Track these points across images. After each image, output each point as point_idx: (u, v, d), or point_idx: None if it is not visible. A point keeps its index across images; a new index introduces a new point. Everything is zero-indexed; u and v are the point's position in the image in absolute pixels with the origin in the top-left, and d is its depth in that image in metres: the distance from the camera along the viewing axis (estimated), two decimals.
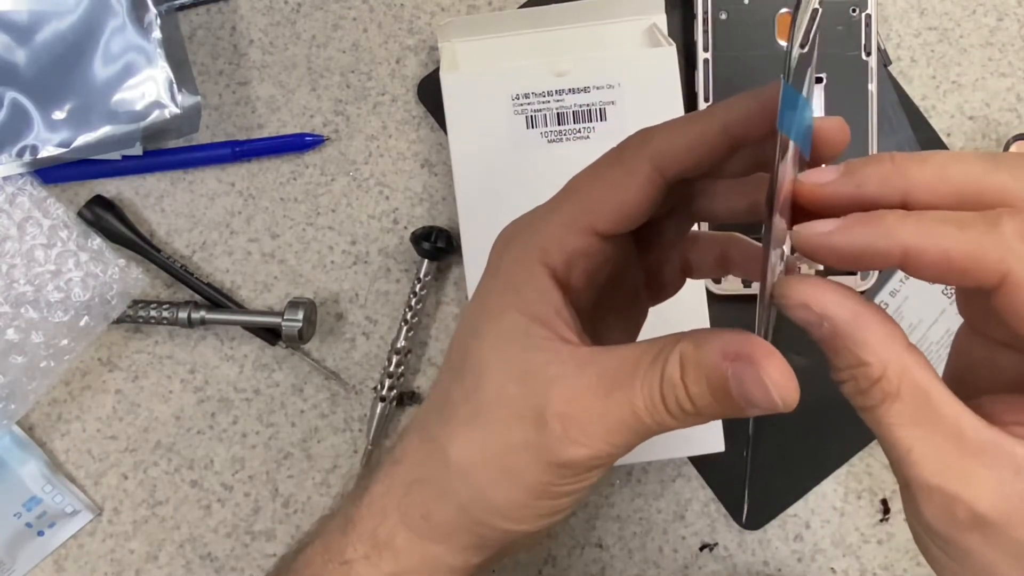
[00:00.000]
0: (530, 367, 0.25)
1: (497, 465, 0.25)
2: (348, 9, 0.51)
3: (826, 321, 0.21)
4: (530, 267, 0.26)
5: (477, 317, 0.27)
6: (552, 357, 0.25)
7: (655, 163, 0.25)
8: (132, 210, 0.50)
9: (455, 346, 0.28)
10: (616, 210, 0.26)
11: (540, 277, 0.26)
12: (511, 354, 0.25)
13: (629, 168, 0.26)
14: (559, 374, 0.25)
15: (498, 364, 0.25)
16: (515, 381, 0.25)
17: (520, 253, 0.26)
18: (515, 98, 0.46)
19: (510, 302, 0.26)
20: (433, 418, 0.27)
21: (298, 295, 0.49)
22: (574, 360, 0.25)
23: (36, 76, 0.47)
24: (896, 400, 0.21)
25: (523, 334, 0.25)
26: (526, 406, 0.25)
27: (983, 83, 0.50)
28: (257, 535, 0.49)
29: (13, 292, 0.48)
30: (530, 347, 0.25)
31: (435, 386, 0.29)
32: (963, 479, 0.21)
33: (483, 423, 0.25)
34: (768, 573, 0.48)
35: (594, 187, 0.26)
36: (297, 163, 0.50)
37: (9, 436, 0.48)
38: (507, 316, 0.26)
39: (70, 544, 0.49)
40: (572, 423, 0.24)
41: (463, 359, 0.27)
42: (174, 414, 0.49)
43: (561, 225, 0.26)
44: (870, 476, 0.48)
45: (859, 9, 0.47)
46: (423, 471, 0.27)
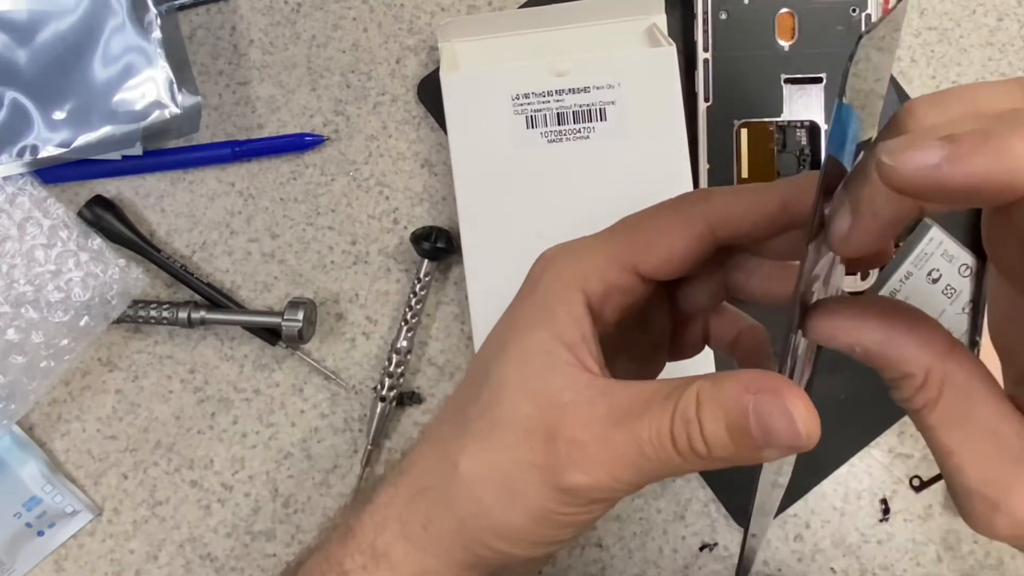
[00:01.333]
0: (548, 389, 0.25)
1: (502, 482, 0.25)
2: (348, 9, 0.51)
3: (858, 347, 0.22)
4: (567, 290, 0.26)
5: (505, 333, 0.27)
6: (570, 383, 0.25)
7: (710, 220, 0.26)
8: (132, 210, 0.50)
9: (478, 360, 0.28)
10: (663, 255, 0.26)
11: (575, 302, 0.26)
12: (531, 374, 0.26)
13: (684, 219, 0.26)
14: (574, 400, 0.25)
15: (518, 382, 0.26)
16: (531, 401, 0.25)
17: (560, 274, 0.27)
18: (515, 98, 0.46)
19: (541, 321, 0.26)
20: (447, 430, 0.27)
21: (298, 295, 0.49)
22: (591, 389, 0.25)
23: (36, 76, 0.47)
24: (937, 405, 0.21)
25: (547, 354, 0.25)
26: (538, 427, 0.25)
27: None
28: (257, 535, 0.49)
29: (13, 292, 0.48)
30: (551, 369, 0.25)
31: (452, 399, 0.29)
32: (1003, 486, 0.20)
33: (495, 438, 0.25)
34: (768, 573, 0.48)
35: (646, 228, 0.27)
36: (297, 163, 0.50)
37: (9, 436, 0.48)
38: (535, 334, 0.26)
39: (70, 544, 0.49)
40: (578, 449, 0.24)
41: (485, 373, 0.27)
42: (174, 414, 0.49)
43: (606, 256, 0.26)
44: (870, 476, 0.48)
45: (859, 9, 0.47)
46: (430, 479, 0.27)
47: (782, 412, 0.22)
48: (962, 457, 0.21)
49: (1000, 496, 0.20)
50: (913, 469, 0.48)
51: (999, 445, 0.21)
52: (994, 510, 0.20)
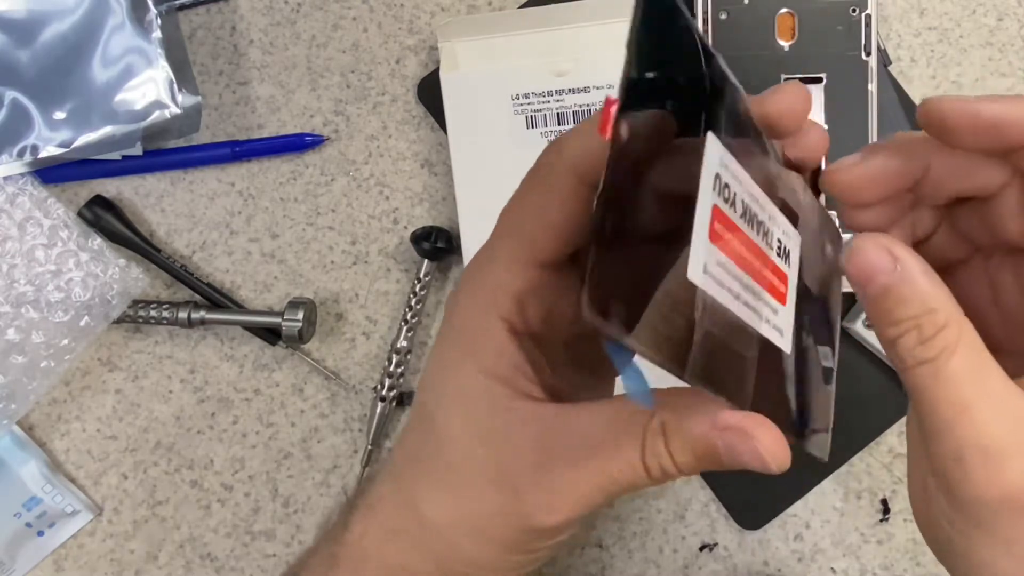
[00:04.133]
0: (495, 429, 0.24)
1: (472, 527, 0.25)
2: (348, 9, 0.51)
3: (901, 264, 0.21)
4: (482, 319, 0.25)
5: (437, 373, 0.26)
6: (515, 418, 0.24)
7: (576, 172, 0.24)
8: (132, 210, 0.50)
9: (420, 403, 0.27)
10: (550, 234, 0.25)
11: (494, 330, 0.25)
12: (474, 415, 0.25)
13: (549, 185, 0.24)
14: (525, 440, 0.24)
15: (462, 425, 0.25)
16: (481, 444, 0.25)
17: (470, 304, 0.26)
18: (515, 98, 0.46)
19: (466, 359, 0.25)
20: (405, 469, 0.27)
21: (298, 295, 0.49)
22: (539, 422, 0.24)
23: (37, 76, 0.47)
24: (955, 353, 0.21)
25: (484, 393, 0.25)
26: (496, 472, 0.24)
27: (983, 83, 0.50)
28: (257, 535, 0.49)
29: (14, 292, 0.48)
30: (493, 408, 0.25)
31: (406, 432, 0.28)
32: (1019, 441, 0.20)
33: (454, 485, 0.25)
34: (768, 573, 0.48)
35: (522, 216, 0.25)
36: (297, 163, 0.50)
37: (9, 436, 0.48)
38: (464, 374, 0.25)
39: (70, 544, 0.49)
40: (544, 493, 0.24)
41: (430, 419, 0.26)
42: (174, 414, 0.49)
43: (503, 267, 0.25)
44: (870, 476, 0.48)
45: (859, 9, 0.47)
46: (399, 522, 0.27)
47: (752, 452, 0.22)
48: (980, 412, 0.21)
49: (1016, 449, 0.20)
50: None
51: (1012, 404, 0.21)
52: (1009, 460, 0.20)
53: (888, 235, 0.22)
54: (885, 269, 0.21)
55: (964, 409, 0.21)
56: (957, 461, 0.21)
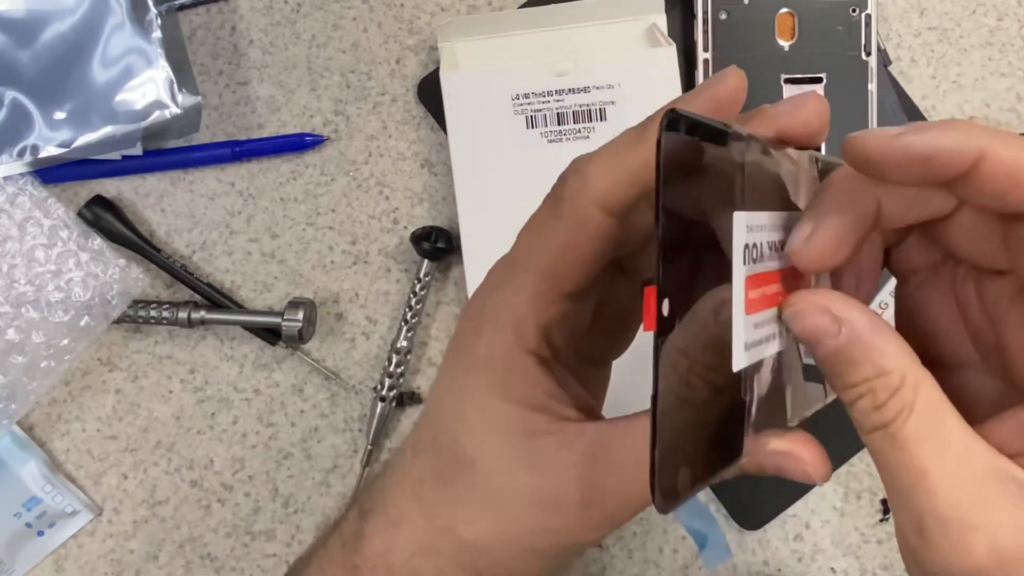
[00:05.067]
0: (537, 456, 0.25)
1: (515, 545, 0.25)
2: (348, 9, 0.51)
3: (845, 327, 0.20)
4: (512, 356, 0.25)
5: (458, 403, 0.26)
6: (559, 442, 0.24)
7: (601, 205, 0.23)
8: (132, 210, 0.50)
9: (435, 425, 0.27)
10: (577, 270, 0.24)
11: (526, 366, 0.25)
12: (512, 444, 0.25)
13: (575, 218, 0.24)
14: (570, 463, 0.24)
15: (499, 454, 0.25)
16: (524, 471, 0.25)
17: (496, 338, 0.25)
18: (515, 98, 0.46)
19: (496, 392, 0.25)
20: (431, 492, 0.27)
21: (298, 295, 0.49)
22: (583, 441, 0.24)
23: (37, 76, 0.47)
24: (911, 414, 0.20)
25: (521, 423, 0.25)
26: (543, 495, 0.25)
27: (983, 83, 0.50)
28: (257, 535, 0.49)
29: (14, 292, 0.48)
30: (532, 434, 0.25)
31: (418, 453, 0.28)
32: (981, 509, 0.19)
33: (495, 510, 0.25)
34: (768, 573, 0.48)
35: (547, 249, 0.25)
36: (297, 163, 0.50)
37: (9, 436, 0.48)
38: (495, 406, 0.25)
39: (70, 544, 0.49)
40: (595, 511, 0.24)
41: (448, 443, 0.26)
42: (174, 414, 0.49)
43: (528, 301, 0.25)
44: (870, 476, 0.48)
45: (859, 9, 0.47)
46: (430, 541, 0.27)
47: (799, 471, 0.23)
48: (938, 478, 0.19)
49: (980, 519, 0.19)
50: None
51: (972, 466, 0.20)
52: (972, 532, 0.19)
53: (828, 291, 0.21)
54: (830, 332, 0.20)
55: (922, 476, 0.20)
56: (919, 533, 0.20)
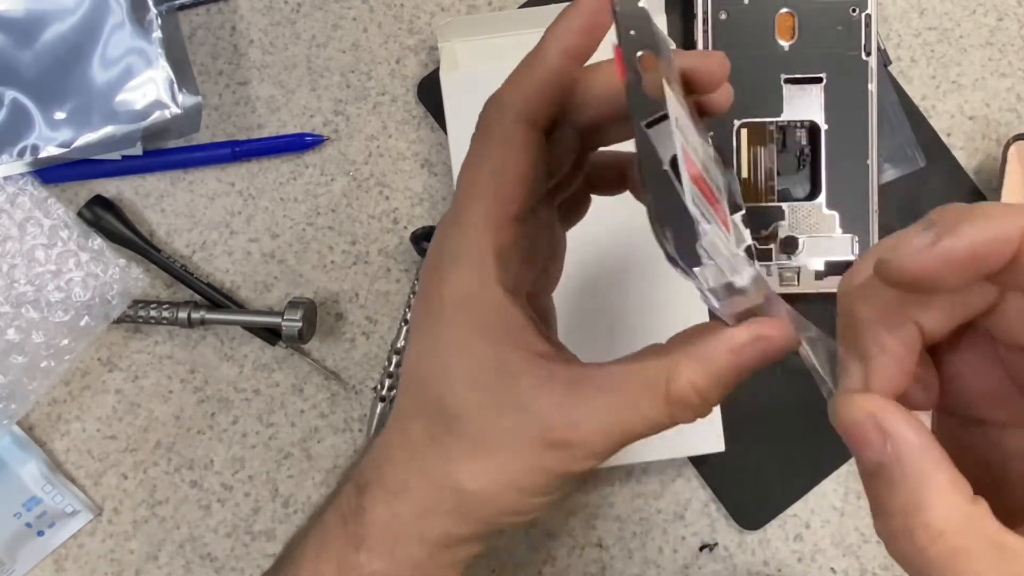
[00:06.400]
0: (518, 397, 0.25)
1: (514, 488, 0.26)
2: (348, 9, 0.51)
3: (891, 444, 0.19)
4: (476, 289, 0.25)
5: (439, 358, 0.26)
6: (535, 381, 0.25)
7: (522, 118, 0.25)
8: (132, 210, 0.50)
9: (417, 384, 0.27)
10: (517, 187, 0.25)
11: (493, 298, 0.25)
12: (494, 389, 0.25)
13: (502, 138, 0.25)
14: (551, 399, 0.25)
15: (482, 401, 0.26)
16: (509, 413, 0.25)
17: (458, 276, 0.26)
18: None
19: (471, 334, 0.25)
20: (427, 452, 0.27)
21: (298, 295, 0.49)
22: (560, 384, 0.25)
23: (37, 76, 0.47)
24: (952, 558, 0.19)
25: (498, 365, 0.25)
26: (529, 436, 0.25)
27: (983, 83, 0.50)
28: (257, 535, 0.49)
29: (14, 292, 0.48)
30: (511, 376, 0.25)
31: (405, 418, 0.28)
32: None
33: (489, 457, 0.26)
34: (768, 573, 0.48)
35: (485, 175, 0.26)
36: (297, 163, 0.50)
37: (9, 436, 0.48)
38: (472, 350, 0.25)
39: (70, 544, 0.49)
40: (579, 447, 0.25)
41: (434, 399, 0.26)
42: (174, 414, 0.49)
43: (480, 231, 0.25)
44: None
45: (859, 9, 0.47)
46: (433, 502, 0.27)
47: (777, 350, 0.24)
48: None
49: None
50: None
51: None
52: None
53: (880, 400, 0.20)
54: (873, 445, 0.20)
55: None
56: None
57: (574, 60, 0.26)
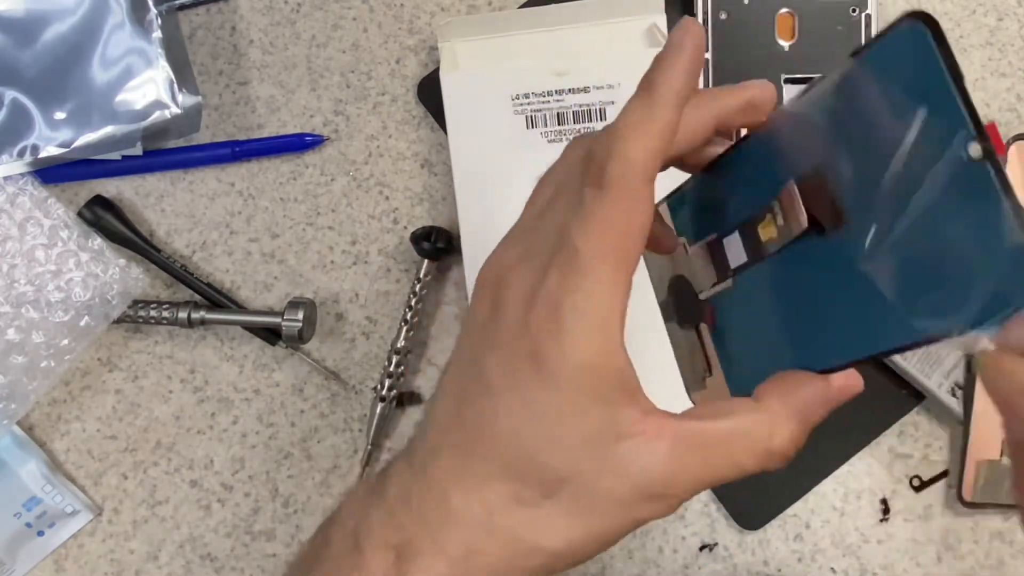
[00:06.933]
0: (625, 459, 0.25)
1: (602, 539, 0.26)
2: (348, 9, 0.51)
3: None
4: (605, 356, 0.25)
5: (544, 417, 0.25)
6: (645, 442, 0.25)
7: (647, 178, 0.25)
8: (132, 210, 0.50)
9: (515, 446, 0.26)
10: (642, 244, 0.26)
11: (617, 363, 0.25)
12: (604, 452, 0.25)
13: (630, 199, 0.25)
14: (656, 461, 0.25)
15: (594, 466, 0.25)
16: (612, 477, 0.25)
17: (588, 343, 0.25)
18: (515, 98, 0.46)
19: (591, 400, 0.25)
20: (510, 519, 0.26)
21: (298, 295, 0.49)
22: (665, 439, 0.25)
23: (37, 76, 0.47)
24: None
25: (614, 426, 0.25)
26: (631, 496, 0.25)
27: (983, 83, 0.50)
28: (257, 535, 0.49)
29: (14, 292, 0.48)
30: (625, 436, 0.25)
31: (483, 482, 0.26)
32: None
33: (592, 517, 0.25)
34: (768, 573, 0.48)
35: (616, 236, 0.25)
36: (297, 163, 0.50)
37: (9, 436, 0.48)
38: (590, 412, 0.25)
39: (70, 544, 0.49)
40: (673, 498, 0.25)
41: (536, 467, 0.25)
42: (174, 414, 0.49)
43: (609, 293, 0.25)
44: (870, 476, 0.48)
45: (859, 9, 0.47)
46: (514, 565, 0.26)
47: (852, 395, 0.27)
48: None
49: None
50: (913, 469, 0.48)
51: None
52: None
53: None
54: None
55: None
56: None
57: (682, 109, 0.26)
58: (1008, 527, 0.47)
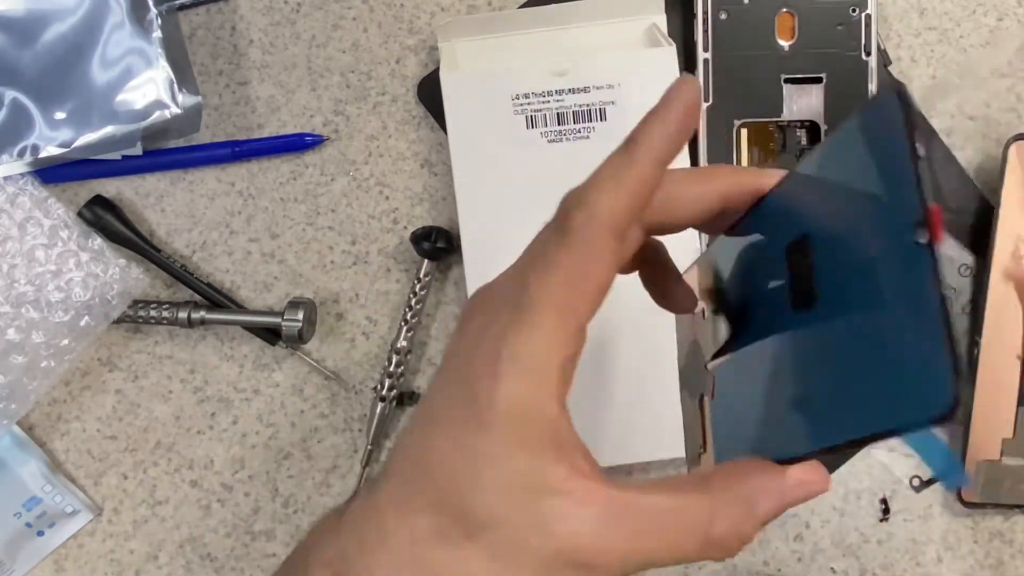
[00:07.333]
0: (551, 518, 0.24)
1: None
2: (348, 9, 0.51)
3: None
4: (537, 405, 0.24)
5: (474, 465, 0.25)
6: (572, 504, 0.24)
7: (611, 231, 0.24)
8: (132, 210, 0.50)
9: (442, 481, 0.25)
10: (593, 299, 0.25)
11: (550, 414, 0.24)
12: (528, 505, 0.24)
13: (588, 250, 0.24)
14: (584, 527, 0.24)
15: (516, 516, 0.24)
16: (537, 533, 0.24)
17: (520, 390, 0.24)
18: (515, 98, 0.46)
19: (519, 448, 0.24)
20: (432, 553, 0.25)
21: (298, 295, 0.49)
22: (596, 505, 0.24)
23: (37, 76, 0.47)
24: None
25: (539, 480, 0.24)
26: (554, 557, 0.24)
27: (983, 83, 0.50)
28: (257, 535, 0.49)
29: (14, 292, 0.48)
30: (552, 492, 0.24)
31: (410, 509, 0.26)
32: None
33: (508, 569, 0.24)
34: (768, 573, 0.48)
35: (562, 284, 0.24)
36: (297, 163, 0.50)
37: (9, 436, 0.48)
38: (517, 461, 0.24)
39: (70, 544, 0.49)
40: (602, 569, 0.24)
41: (463, 504, 0.25)
42: (174, 414, 0.49)
43: (547, 341, 0.24)
44: (870, 476, 0.48)
45: (859, 9, 0.47)
46: None
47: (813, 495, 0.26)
48: None
49: None
50: (913, 469, 0.48)
51: None
52: None
53: None
54: None
55: None
56: None
57: (664, 168, 0.25)
58: (1008, 527, 0.47)
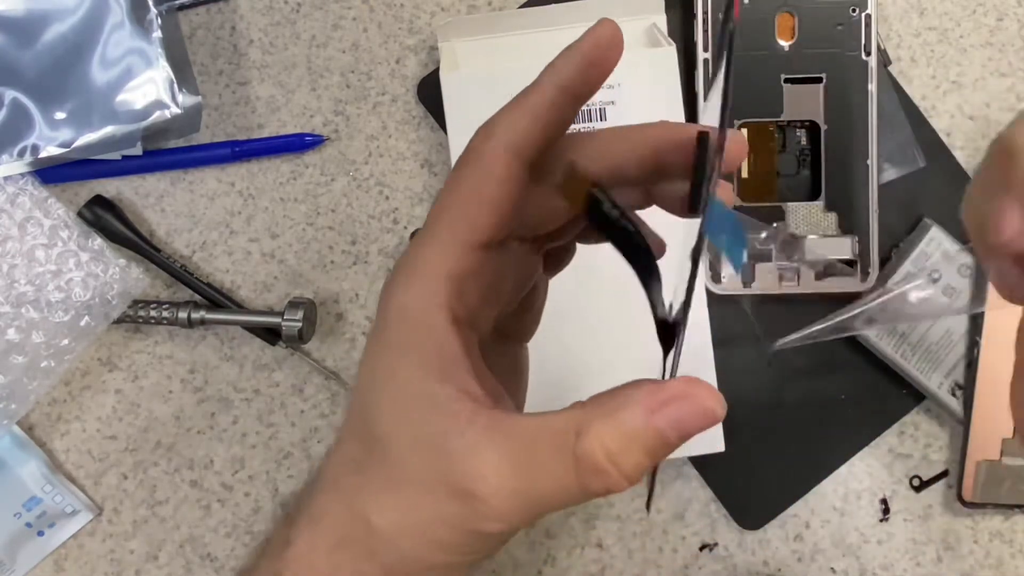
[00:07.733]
0: (434, 435, 0.24)
1: (418, 533, 0.24)
2: (348, 9, 0.51)
3: None
4: (421, 311, 0.24)
5: (371, 374, 0.25)
6: (454, 425, 0.23)
7: (509, 149, 0.25)
8: (132, 210, 0.50)
9: (356, 404, 0.26)
10: (487, 212, 0.24)
11: (434, 322, 0.24)
12: (413, 419, 0.24)
13: (483, 165, 0.25)
14: (464, 447, 0.23)
15: (401, 430, 0.24)
16: (421, 451, 0.24)
17: (406, 294, 0.25)
18: None
19: (405, 357, 0.24)
20: (347, 479, 0.26)
21: (298, 295, 0.49)
22: (477, 428, 0.23)
23: (37, 76, 0.47)
24: None
25: (422, 394, 0.24)
26: (438, 480, 0.24)
27: (983, 83, 0.50)
28: (257, 535, 0.49)
29: (14, 292, 0.48)
30: (432, 409, 0.24)
31: (341, 442, 0.27)
32: None
33: (398, 493, 0.24)
34: (768, 573, 0.48)
35: (458, 196, 0.25)
36: (297, 163, 0.51)
37: (9, 436, 0.48)
38: (402, 373, 0.24)
39: (70, 544, 0.49)
40: (484, 504, 0.23)
41: (364, 422, 0.25)
42: (174, 414, 0.49)
43: (440, 249, 0.25)
44: (870, 476, 0.48)
45: (859, 9, 0.47)
46: (346, 532, 0.26)
47: (698, 414, 0.21)
48: None
49: None
50: (913, 469, 0.48)
51: None
52: None
53: None
54: None
55: None
56: None
57: (570, 97, 0.25)
58: (1008, 527, 0.47)
